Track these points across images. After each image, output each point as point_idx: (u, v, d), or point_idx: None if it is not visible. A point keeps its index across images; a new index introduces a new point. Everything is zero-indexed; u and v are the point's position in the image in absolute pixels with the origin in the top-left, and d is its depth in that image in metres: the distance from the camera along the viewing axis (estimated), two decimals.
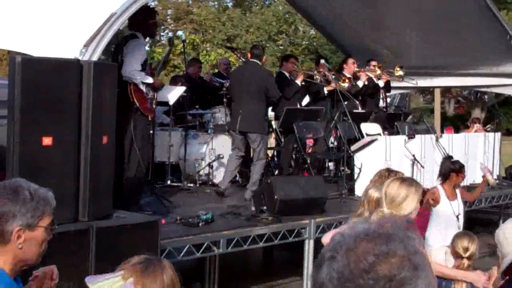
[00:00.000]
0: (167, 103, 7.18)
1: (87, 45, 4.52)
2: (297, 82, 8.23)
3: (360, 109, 9.03)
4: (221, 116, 8.49)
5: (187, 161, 7.76)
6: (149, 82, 5.68)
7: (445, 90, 25.00)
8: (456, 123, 22.90)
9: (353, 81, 9.07)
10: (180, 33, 32.11)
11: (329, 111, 8.71)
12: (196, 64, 9.75)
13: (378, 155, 7.40)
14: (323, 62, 8.94)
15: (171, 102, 7.14)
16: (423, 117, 12.03)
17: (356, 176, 7.36)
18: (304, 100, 8.83)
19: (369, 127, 8.54)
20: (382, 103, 9.61)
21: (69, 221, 4.11)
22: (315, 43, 28.84)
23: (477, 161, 8.78)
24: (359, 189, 7.06)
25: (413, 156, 7.60)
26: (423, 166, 7.79)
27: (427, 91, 24.69)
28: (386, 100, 9.95)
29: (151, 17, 5.88)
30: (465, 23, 9.24)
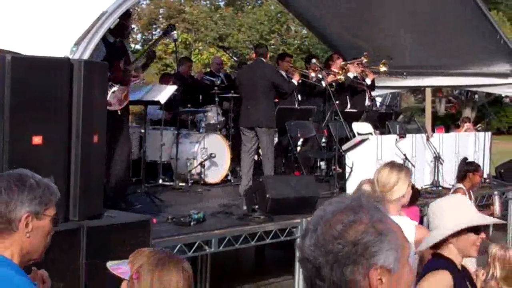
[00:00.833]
0: (158, 102, 7.16)
1: (77, 43, 4.50)
2: (294, 81, 8.25)
3: (350, 107, 9.07)
4: (213, 115, 8.48)
5: (178, 160, 7.75)
6: None
7: (436, 90, 25.14)
8: (447, 122, 23.04)
9: (343, 74, 9.12)
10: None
11: (322, 108, 8.73)
12: (187, 63, 9.71)
13: (370, 154, 7.42)
14: (314, 61, 8.96)
15: (162, 101, 7.12)
16: (414, 117, 12.09)
17: (347, 175, 7.36)
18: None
19: (360, 127, 8.56)
20: (368, 101, 9.65)
21: (59, 221, 4.08)
22: (307, 43, 28.90)
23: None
24: (350, 188, 7.06)
25: (404, 155, 7.63)
26: (414, 165, 7.82)
27: (418, 90, 24.79)
28: (372, 99, 9.99)
29: (123, 18, 5.81)
30: (456, 23, 9.29)
